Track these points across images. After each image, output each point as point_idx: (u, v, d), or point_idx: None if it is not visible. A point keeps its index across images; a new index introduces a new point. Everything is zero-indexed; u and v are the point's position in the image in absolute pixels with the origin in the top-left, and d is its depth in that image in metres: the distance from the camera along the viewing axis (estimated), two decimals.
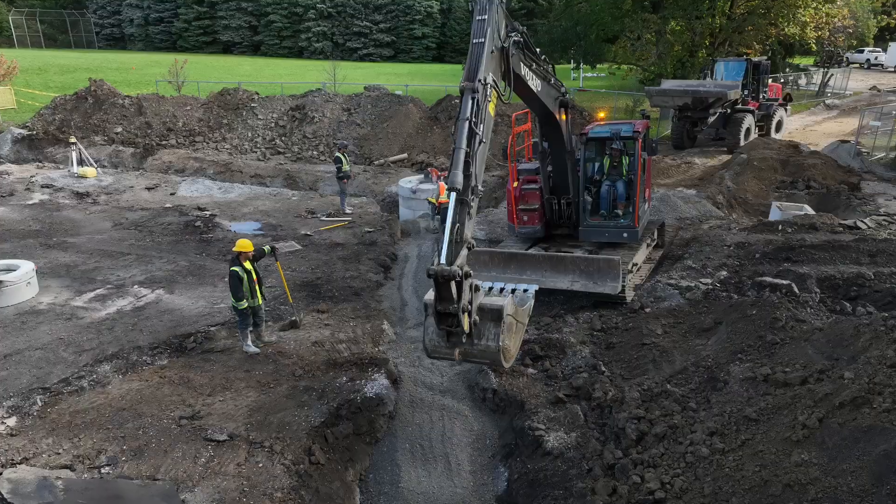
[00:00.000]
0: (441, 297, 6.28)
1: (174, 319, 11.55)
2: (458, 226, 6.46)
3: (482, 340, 6.51)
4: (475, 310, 6.50)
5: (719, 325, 9.15)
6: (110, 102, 28.36)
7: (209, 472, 7.14)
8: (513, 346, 6.87)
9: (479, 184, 6.89)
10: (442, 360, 6.98)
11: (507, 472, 8.09)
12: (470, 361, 6.88)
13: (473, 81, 6.95)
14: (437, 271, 6.07)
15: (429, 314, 6.74)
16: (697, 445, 6.65)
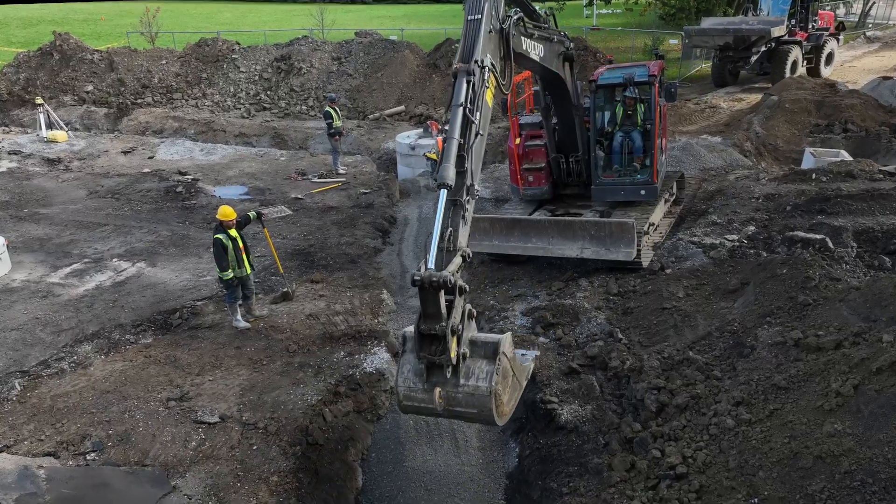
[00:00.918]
0: (426, 313, 5.60)
1: (157, 294, 11.58)
2: (449, 231, 6.04)
3: (470, 380, 5.69)
4: (466, 341, 5.75)
5: (746, 286, 9.08)
6: (78, 58, 27.97)
7: (200, 456, 7.24)
8: (507, 398, 5.95)
9: (475, 183, 6.51)
10: (418, 410, 5.95)
11: (517, 447, 8.17)
12: (453, 411, 5.79)
13: (469, 63, 6.56)
14: (424, 278, 5.39)
15: (406, 350, 5.93)
16: (722, 416, 6.65)
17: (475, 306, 10.98)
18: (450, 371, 5.65)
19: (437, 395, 5.65)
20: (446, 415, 5.88)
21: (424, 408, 5.89)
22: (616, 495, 6.42)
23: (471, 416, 5.83)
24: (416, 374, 5.83)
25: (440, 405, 5.70)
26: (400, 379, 5.95)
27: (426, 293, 5.50)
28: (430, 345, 5.67)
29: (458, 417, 6.02)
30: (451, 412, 5.82)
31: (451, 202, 6.21)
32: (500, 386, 5.78)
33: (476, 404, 5.66)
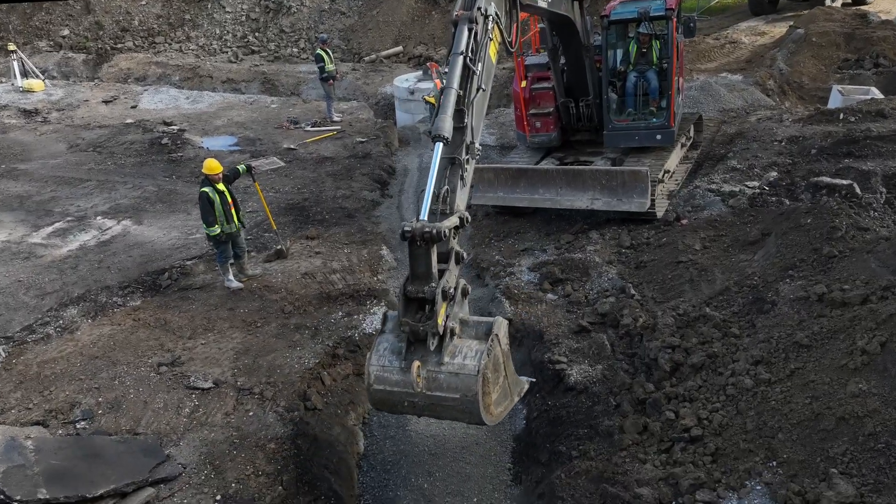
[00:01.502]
0: (415, 273, 5.30)
1: (145, 254, 11.51)
2: (445, 189, 5.77)
3: (456, 359, 5.25)
4: (455, 317, 5.36)
5: (767, 237, 8.94)
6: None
7: (194, 423, 7.28)
8: (495, 396, 5.47)
9: (476, 141, 6.19)
10: (390, 398, 5.39)
11: (524, 409, 8.18)
12: (432, 398, 5.22)
13: (471, 10, 6.18)
14: (416, 229, 5.09)
15: (385, 330, 5.54)
16: (740, 376, 6.62)
17: (479, 261, 11.07)
18: (434, 343, 5.20)
19: (416, 369, 5.02)
20: (423, 402, 5.25)
21: (398, 393, 5.30)
22: (627, 459, 6.43)
23: (452, 404, 5.21)
24: (393, 353, 5.40)
25: (418, 385, 5.05)
26: (374, 357, 5.45)
27: (417, 249, 5.22)
28: (415, 312, 5.34)
29: (438, 409, 5.32)
30: (429, 399, 5.22)
31: (448, 160, 5.95)
32: (490, 373, 5.29)
33: (460, 387, 5.15)
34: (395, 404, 5.49)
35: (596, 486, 6.33)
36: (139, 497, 6.10)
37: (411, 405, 5.38)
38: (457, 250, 5.66)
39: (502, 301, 9.70)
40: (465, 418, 5.42)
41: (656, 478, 6.03)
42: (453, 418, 5.56)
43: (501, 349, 5.61)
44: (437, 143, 5.75)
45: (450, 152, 5.97)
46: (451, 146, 6.01)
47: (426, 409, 5.41)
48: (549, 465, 7.14)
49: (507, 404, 5.87)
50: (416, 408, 5.41)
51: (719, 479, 5.78)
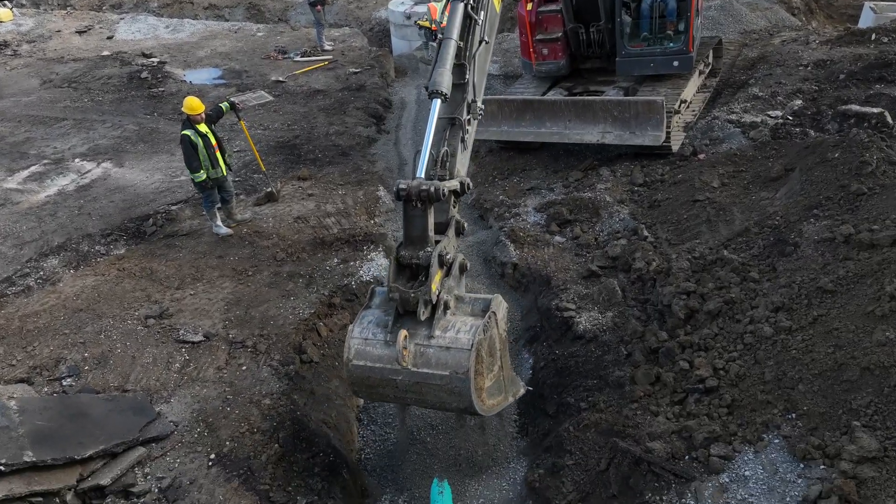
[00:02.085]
0: (410, 236, 5.11)
1: (127, 199, 11.33)
2: (445, 152, 5.50)
3: (448, 332, 5.00)
4: (451, 291, 5.18)
5: (791, 173, 8.71)
6: None
7: (185, 379, 7.26)
8: (489, 383, 5.24)
9: (478, 99, 5.86)
10: (370, 375, 5.10)
11: (531, 359, 8.17)
12: (418, 375, 4.96)
13: None
14: (412, 187, 4.94)
15: (371, 305, 5.33)
16: (759, 324, 6.53)
17: (482, 202, 10.88)
18: (425, 312, 4.97)
19: (403, 339, 4.76)
20: (408, 381, 4.94)
21: (380, 370, 5.03)
22: (639, 411, 6.42)
23: (440, 383, 4.91)
24: (378, 325, 5.16)
25: (404, 358, 4.77)
26: (356, 329, 5.18)
27: (412, 210, 5.05)
28: (407, 279, 5.15)
29: (424, 389, 5.00)
30: (414, 377, 4.94)
31: (447, 120, 5.67)
32: (485, 354, 5.06)
33: (450, 363, 4.87)
34: (376, 384, 5.15)
35: (605, 439, 6.34)
36: (129, 457, 6.10)
37: (394, 385, 5.06)
38: (457, 219, 5.50)
39: (507, 244, 9.58)
40: (454, 402, 5.06)
41: (669, 431, 6.02)
42: (441, 402, 5.14)
43: (499, 332, 5.37)
44: (434, 99, 5.44)
45: (449, 111, 5.68)
46: (451, 104, 5.71)
47: (410, 391, 5.07)
48: (556, 417, 7.15)
49: (501, 401, 5.57)
50: (400, 388, 5.07)
51: (735, 432, 5.75)
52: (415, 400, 5.24)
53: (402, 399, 5.22)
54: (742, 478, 5.37)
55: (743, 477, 5.38)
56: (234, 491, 5.94)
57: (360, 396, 5.54)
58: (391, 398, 5.36)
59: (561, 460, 6.48)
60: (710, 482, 5.42)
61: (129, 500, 5.82)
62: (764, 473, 5.34)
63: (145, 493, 5.87)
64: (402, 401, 5.29)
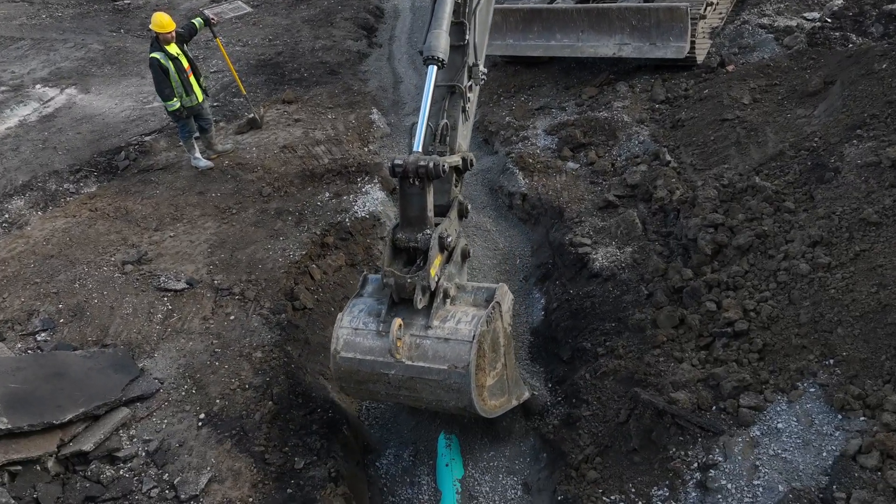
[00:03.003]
0: (407, 217, 4.86)
1: (96, 129, 11.00)
2: (444, 125, 5.23)
3: (448, 323, 4.80)
4: (451, 278, 4.99)
5: (831, 87, 8.33)
6: None
7: (169, 330, 7.15)
8: (490, 380, 4.99)
9: (480, 61, 5.56)
10: (359, 369, 4.91)
11: (543, 299, 8.06)
12: (413, 369, 4.76)
13: None
14: (408, 163, 4.72)
15: (363, 293, 5.10)
16: (794, 260, 6.32)
17: (487, 124, 10.53)
18: (423, 300, 4.74)
19: (398, 328, 4.56)
20: (402, 375, 4.72)
21: (370, 363, 4.82)
22: (661, 357, 6.31)
23: (437, 378, 4.69)
24: (370, 314, 4.94)
25: (398, 350, 4.59)
26: (345, 318, 4.96)
27: (409, 187, 4.81)
28: (403, 264, 4.96)
29: (419, 385, 4.77)
30: (409, 371, 4.72)
31: (446, 88, 5.37)
32: (487, 348, 4.81)
33: (449, 356, 4.64)
34: (366, 379, 4.94)
35: (625, 388, 6.26)
36: (113, 419, 6.05)
37: (385, 381, 4.82)
38: (460, 200, 5.24)
39: (514, 172, 9.33)
40: (453, 400, 4.82)
41: (694, 379, 5.92)
42: (437, 400, 4.89)
43: (503, 325, 5.13)
44: (430, 66, 5.12)
45: (447, 78, 5.39)
46: (449, 70, 5.40)
47: (404, 387, 4.85)
48: (571, 363, 7.08)
49: (504, 402, 5.34)
50: (392, 384, 4.86)
51: (767, 379, 5.65)
52: (408, 397, 4.99)
53: (395, 396, 4.99)
54: (774, 431, 5.29)
55: (775, 430, 5.29)
56: (226, 453, 5.91)
57: (348, 393, 5.24)
58: (382, 395, 5.10)
59: (577, 411, 6.43)
60: (740, 436, 5.34)
61: (114, 465, 5.80)
62: (798, 426, 5.25)
63: (131, 458, 5.84)
64: (395, 398, 5.03)
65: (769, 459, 5.12)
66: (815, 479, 4.90)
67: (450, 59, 5.34)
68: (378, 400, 5.33)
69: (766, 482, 4.98)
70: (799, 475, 4.95)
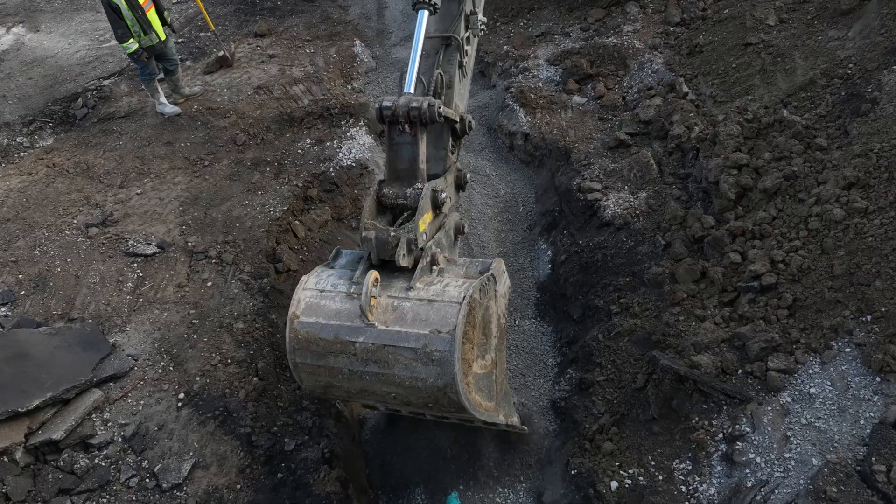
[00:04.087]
0: (394, 170, 4.58)
1: (48, 74, 10.67)
2: (438, 76, 4.98)
3: (433, 286, 4.35)
4: (442, 247, 4.74)
5: (867, 4, 8.01)
6: None
7: (141, 301, 7.00)
8: (476, 362, 4.41)
9: (479, 9, 5.30)
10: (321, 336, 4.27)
11: (550, 251, 7.94)
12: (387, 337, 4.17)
13: None
14: (399, 105, 4.41)
15: (334, 265, 4.64)
16: (827, 205, 6.16)
17: (483, 55, 10.18)
18: (407, 258, 4.36)
19: (373, 281, 4.10)
20: (372, 345, 4.13)
21: (334, 329, 4.22)
22: (681, 316, 6.20)
23: (415, 347, 4.11)
24: (340, 278, 4.48)
25: (371, 310, 4.08)
26: (310, 280, 4.47)
27: (398, 134, 4.54)
28: (387, 224, 4.66)
29: (391, 359, 4.16)
30: (382, 339, 4.13)
31: (440, 41, 5.08)
32: (476, 324, 4.32)
33: (433, 319, 4.11)
34: (327, 350, 4.27)
35: (642, 350, 6.18)
36: (84, 403, 5.94)
37: (350, 352, 4.22)
38: (458, 168, 4.98)
39: (515, 109, 9.08)
40: (431, 377, 4.13)
41: (717, 340, 5.82)
42: (411, 378, 4.19)
43: (497, 311, 4.71)
44: (420, 10, 4.84)
45: (441, 28, 5.10)
46: (443, 19, 5.11)
47: (372, 360, 4.21)
48: (582, 322, 6.99)
49: (491, 410, 4.70)
50: (358, 357, 4.23)
51: (798, 339, 5.56)
52: (376, 378, 4.26)
53: (359, 378, 4.26)
54: (806, 396, 5.22)
55: (807, 395, 5.22)
56: (209, 436, 5.84)
57: (301, 377, 4.53)
58: (343, 376, 4.36)
59: (590, 375, 6.37)
60: (769, 403, 5.27)
61: (88, 453, 5.72)
62: (833, 391, 5.17)
63: (107, 445, 5.76)
64: (359, 381, 4.29)
65: (801, 429, 5.05)
66: (851, 449, 4.84)
67: (444, 7, 5.09)
68: (335, 390, 4.52)
69: (799, 455, 4.92)
70: (834, 446, 4.89)
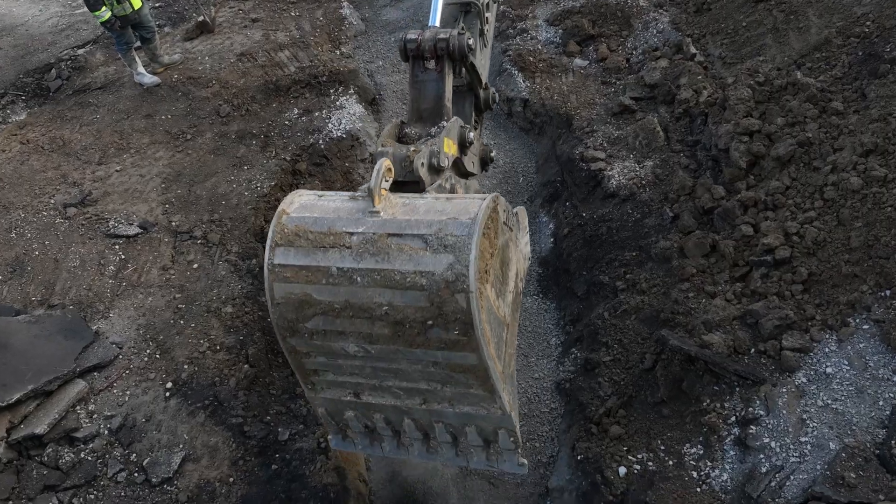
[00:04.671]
0: (418, 109, 4.36)
1: (19, 44, 10.50)
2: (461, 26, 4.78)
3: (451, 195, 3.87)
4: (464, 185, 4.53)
5: None
6: None
7: (124, 285, 6.94)
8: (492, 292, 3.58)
9: None
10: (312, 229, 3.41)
11: (552, 223, 7.88)
12: (389, 226, 3.37)
13: None
14: (425, 39, 4.23)
15: None
16: (844, 173, 6.07)
17: None
18: (426, 171, 3.92)
19: (385, 169, 3.42)
20: (372, 240, 3.31)
21: (331, 221, 3.44)
22: (691, 292, 6.14)
23: (426, 234, 3.32)
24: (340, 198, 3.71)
25: (378, 197, 3.38)
26: (307, 191, 3.82)
27: (422, 71, 4.35)
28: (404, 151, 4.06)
29: (392, 258, 3.31)
30: (385, 227, 3.35)
31: (458, 7, 4.91)
32: (497, 245, 3.64)
33: (450, 210, 3.41)
34: (317, 245, 3.45)
35: (650, 329, 6.13)
36: (67, 395, 5.91)
37: (345, 245, 3.39)
38: (483, 143, 4.82)
39: (513, 73, 8.97)
40: (440, 268, 3.25)
41: (729, 317, 5.77)
42: (415, 274, 3.30)
43: (517, 258, 4.16)
44: None
45: None
46: None
47: (369, 252, 3.33)
48: (587, 299, 6.94)
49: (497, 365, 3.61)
50: (353, 252, 3.35)
51: (813, 315, 5.51)
52: (367, 281, 3.37)
53: (347, 282, 3.38)
54: (823, 376, 5.18)
55: (824, 375, 5.18)
56: (199, 427, 5.81)
57: (272, 288, 3.49)
58: (326, 282, 3.43)
59: (595, 355, 6.33)
60: (784, 384, 5.23)
61: (73, 447, 5.70)
62: (850, 370, 5.14)
63: (92, 438, 5.73)
64: (343, 289, 3.41)
65: (818, 411, 5.02)
66: (870, 432, 4.82)
67: None
68: (309, 309, 3.50)
69: (815, 439, 4.89)
70: (852, 429, 4.86)
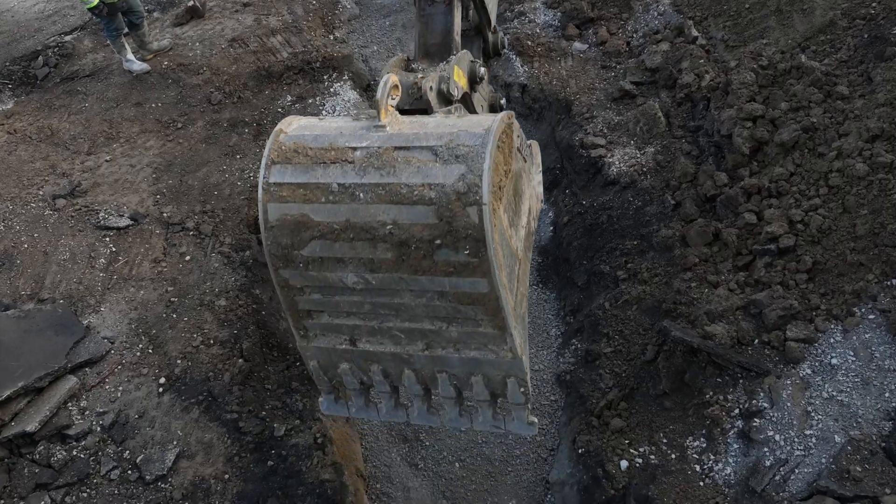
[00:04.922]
0: (425, 45, 4.37)
1: (4, 30, 10.45)
2: None
3: None
4: None
5: None
6: None
7: (115, 278, 6.91)
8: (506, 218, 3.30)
9: None
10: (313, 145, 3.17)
11: (551, 212, 7.91)
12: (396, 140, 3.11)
13: None
14: None
15: None
16: (849, 159, 6.05)
17: None
18: (435, 97, 3.73)
19: (392, 85, 3.25)
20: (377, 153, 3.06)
21: (333, 137, 3.19)
22: (693, 282, 6.13)
23: (436, 145, 3.04)
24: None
25: (386, 110, 3.17)
26: None
27: (430, 4, 4.37)
28: None
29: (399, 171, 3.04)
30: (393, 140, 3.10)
31: None
32: (511, 169, 3.39)
33: (462, 125, 3.14)
34: (316, 161, 3.19)
35: (652, 320, 6.13)
36: (59, 391, 5.88)
37: (348, 159, 3.12)
38: (492, 90, 4.63)
39: (511, 58, 8.95)
40: (450, 181, 2.98)
41: (732, 307, 5.76)
42: (423, 187, 3.02)
43: (529, 190, 4.01)
44: None
45: None
46: None
47: (375, 166, 3.08)
48: (587, 289, 6.94)
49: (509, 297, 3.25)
50: (356, 167, 3.10)
51: (818, 305, 5.51)
52: (371, 197, 3.09)
53: (349, 198, 3.11)
54: (828, 368, 5.18)
55: (829, 367, 5.18)
56: (194, 423, 5.80)
57: (266, 209, 3.20)
58: (326, 199, 3.14)
59: (596, 347, 6.32)
60: (788, 376, 5.22)
61: (65, 444, 5.69)
62: (856, 361, 5.14)
63: (85, 435, 5.72)
64: (344, 207, 3.11)
65: (823, 404, 5.02)
66: (876, 425, 4.82)
67: None
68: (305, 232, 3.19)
69: (820, 432, 4.89)
70: (858, 421, 4.87)
